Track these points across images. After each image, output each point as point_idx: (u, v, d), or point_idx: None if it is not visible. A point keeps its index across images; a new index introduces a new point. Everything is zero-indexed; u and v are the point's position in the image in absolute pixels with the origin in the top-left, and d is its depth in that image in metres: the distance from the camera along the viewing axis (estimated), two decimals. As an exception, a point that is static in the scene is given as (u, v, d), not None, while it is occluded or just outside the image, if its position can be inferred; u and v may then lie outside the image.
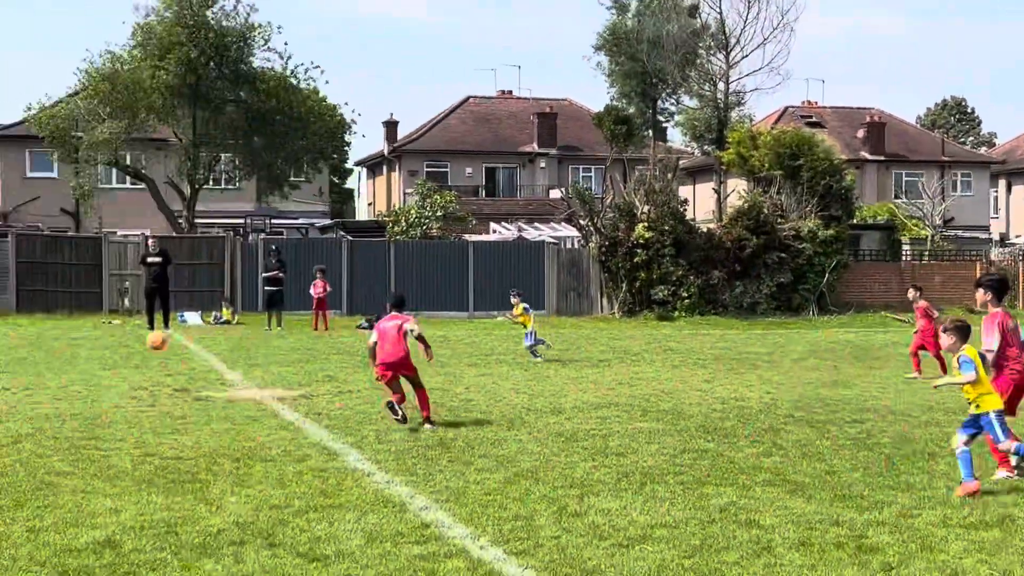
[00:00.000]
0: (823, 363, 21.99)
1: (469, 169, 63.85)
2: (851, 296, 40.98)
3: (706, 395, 16.37)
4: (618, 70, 59.82)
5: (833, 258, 39.78)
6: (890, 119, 70.90)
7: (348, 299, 37.70)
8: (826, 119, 69.84)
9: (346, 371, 19.36)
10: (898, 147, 68.78)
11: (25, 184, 55.55)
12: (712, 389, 17.18)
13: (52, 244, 37.05)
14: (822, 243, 39.50)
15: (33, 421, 13.05)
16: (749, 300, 38.60)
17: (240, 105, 44.16)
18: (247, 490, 9.41)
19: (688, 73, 57.38)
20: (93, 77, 42.69)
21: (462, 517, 8.54)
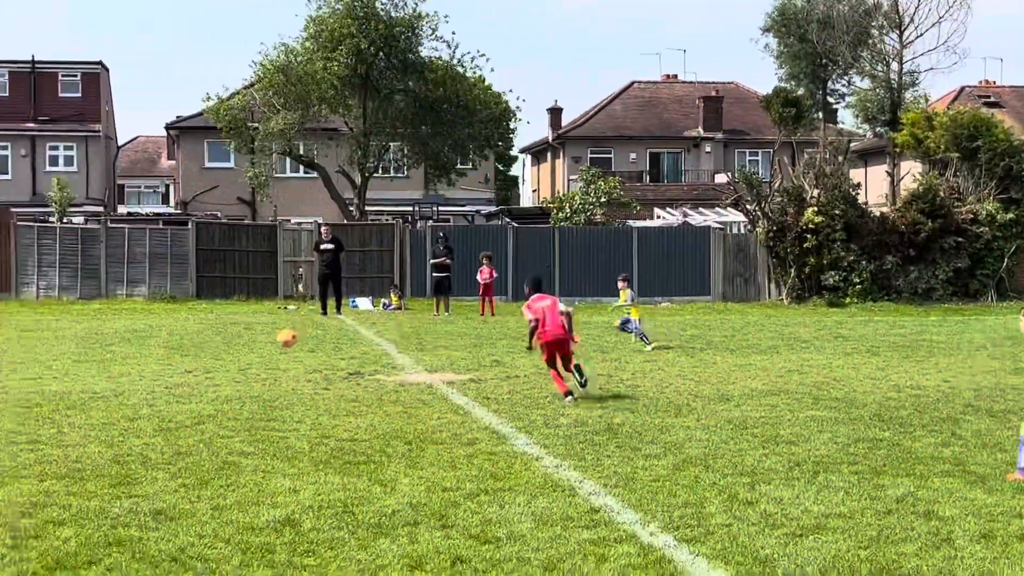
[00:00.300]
0: (1003, 351, 21.22)
1: (633, 155, 63.57)
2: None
3: (880, 383, 15.99)
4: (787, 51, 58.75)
5: (1013, 242, 38.35)
6: (1075, 97, 67.79)
7: (513, 285, 37.98)
8: (1005, 99, 67.19)
9: (513, 356, 19.52)
10: (1084, 126, 65.75)
11: (203, 174, 57.57)
12: (886, 377, 16.78)
13: (229, 232, 38.33)
14: (1001, 227, 38.12)
15: (214, 403, 13.55)
16: (924, 286, 37.51)
17: (408, 94, 44.85)
18: (419, 472, 9.60)
19: (860, 53, 55.93)
20: (267, 69, 43.91)
21: (631, 503, 8.55)
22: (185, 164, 58.45)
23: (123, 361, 18.34)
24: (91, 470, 9.57)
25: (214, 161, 57.48)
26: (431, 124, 45.53)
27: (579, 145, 63.49)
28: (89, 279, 36.56)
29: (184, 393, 14.39)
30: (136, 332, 24.25)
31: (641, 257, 38.74)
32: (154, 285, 36.76)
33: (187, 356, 19.17)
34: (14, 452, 10.35)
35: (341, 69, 42.72)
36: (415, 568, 6.94)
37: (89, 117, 58.00)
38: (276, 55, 44.15)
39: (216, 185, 56.78)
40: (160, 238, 37.39)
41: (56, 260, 36.53)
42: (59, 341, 22.06)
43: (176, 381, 15.64)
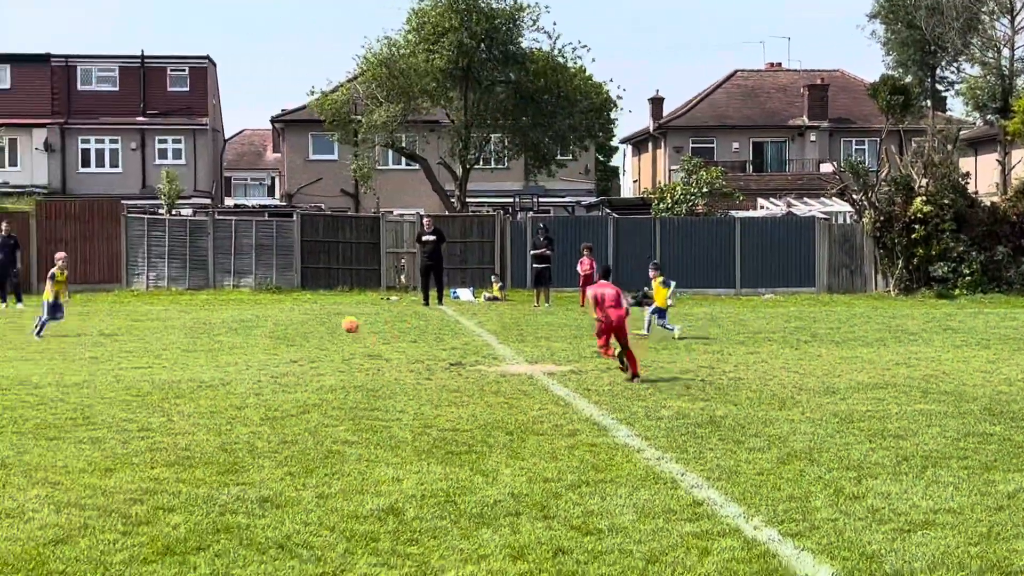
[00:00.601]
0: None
1: (736, 144, 62.92)
2: None
3: (990, 376, 15.62)
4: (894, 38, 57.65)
5: None
6: None
7: (614, 276, 37.85)
8: (1124, 83, 65.11)
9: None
10: None
11: (308, 166, 58.35)
12: (997, 370, 16.38)
13: (333, 223, 38.81)
14: (1119, 217, 36.98)
15: (319, 392, 13.73)
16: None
17: (509, 86, 44.95)
18: (520, 462, 9.61)
19: (970, 39, 54.63)
20: (370, 62, 44.32)
21: (735, 496, 8.47)
22: (290, 156, 59.31)
23: (230, 351, 18.69)
24: (199, 458, 9.77)
25: (318, 153, 58.24)
26: (532, 115, 45.57)
27: (680, 135, 63.03)
28: (197, 270, 37.31)
29: (289, 382, 14.61)
30: (242, 322, 24.69)
31: (744, 248, 38.36)
32: (260, 276, 37.39)
33: (292, 346, 19.46)
34: (125, 439, 10.61)
35: (443, 62, 42.96)
36: (517, 558, 6.96)
37: (197, 111, 59.14)
38: (379, 48, 44.55)
39: (320, 177, 57.51)
40: (266, 230, 38.01)
41: (165, 251, 37.33)
42: (168, 331, 22.56)
43: (282, 371, 15.89)
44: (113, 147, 58.49)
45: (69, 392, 13.68)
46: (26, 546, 7.13)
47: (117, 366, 16.43)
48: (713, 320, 26.38)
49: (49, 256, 36.55)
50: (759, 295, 37.16)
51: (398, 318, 26.18)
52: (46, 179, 57.09)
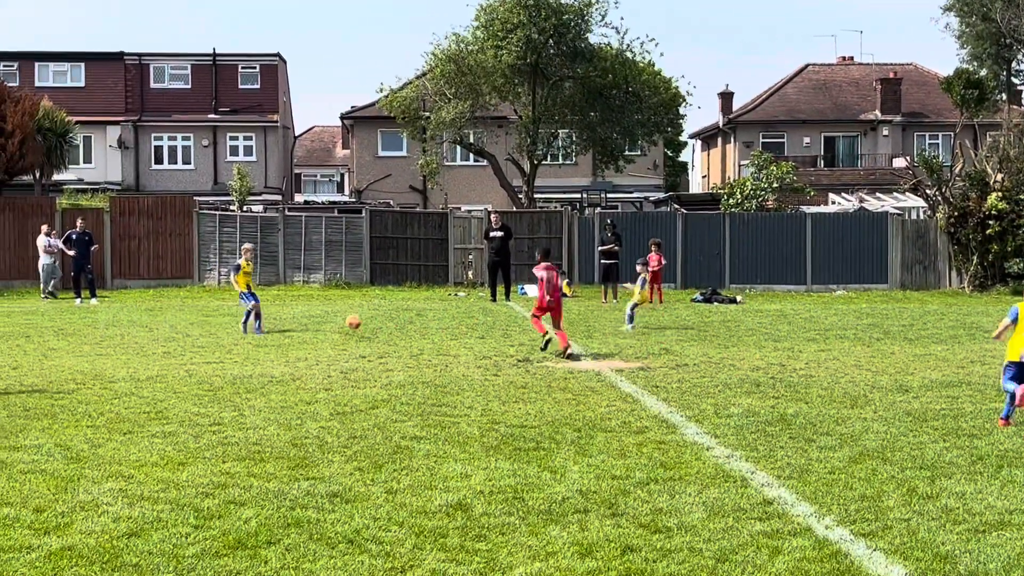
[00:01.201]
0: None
1: (807, 139, 62.27)
2: None
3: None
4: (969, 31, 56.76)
5: None
6: None
7: (682, 272, 37.70)
8: None
9: (682, 344, 19.36)
10: None
11: (377, 162, 58.71)
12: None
13: (402, 219, 39.01)
14: None
15: (388, 388, 13.80)
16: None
17: (577, 81, 44.84)
18: (589, 459, 9.59)
19: (1047, 31, 53.61)
20: (439, 59, 44.46)
21: (806, 495, 8.38)
22: (359, 153, 59.71)
23: (300, 346, 18.85)
24: (270, 452, 9.86)
25: (387, 150, 58.57)
26: (600, 111, 45.43)
27: (750, 130, 62.52)
28: (268, 266, 37.68)
29: (359, 378, 14.71)
30: (312, 318, 24.88)
31: (815, 244, 37.96)
32: (329, 272, 37.69)
33: (361, 342, 19.58)
34: (197, 434, 10.74)
35: (511, 58, 42.97)
36: (585, 556, 6.94)
37: (267, 108, 59.74)
38: (447, 45, 44.68)
39: (389, 174, 57.84)
40: (335, 226, 38.29)
41: (236, 247, 37.73)
42: (239, 326, 22.78)
43: (351, 366, 15.99)
44: (185, 144, 59.27)
45: (142, 386, 13.89)
46: (100, 539, 7.25)
47: (189, 361, 16.64)
48: (783, 317, 26.14)
49: (123, 252, 37.22)
50: (830, 291, 36.76)
51: (466, 314, 26.24)
52: (120, 176, 58.02)
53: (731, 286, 36.95)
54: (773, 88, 66.04)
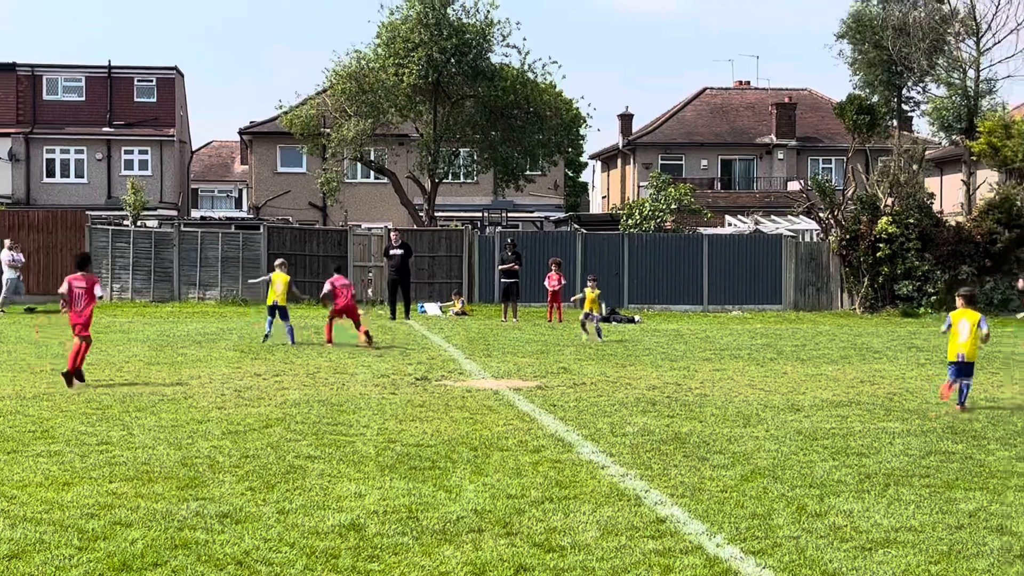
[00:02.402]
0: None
1: (704, 161, 63.21)
2: (1113, 293, 38.55)
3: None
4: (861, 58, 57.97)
5: (1093, 253, 37.56)
6: None
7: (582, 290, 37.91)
8: (1087, 106, 65.85)
9: (580, 363, 19.46)
10: None
11: (276, 178, 58.17)
12: (960, 389, 16.45)
13: (301, 236, 38.67)
14: (1081, 237, 37.35)
15: (283, 406, 13.63)
16: (1000, 296, 36.84)
17: (479, 101, 44.98)
18: (484, 479, 9.56)
19: (936, 60, 55.09)
20: (340, 76, 44.28)
21: (698, 513, 8.45)
22: (258, 169, 59.10)
23: (193, 364, 18.54)
24: (159, 472, 9.66)
25: (286, 166, 58.07)
26: (501, 130, 45.63)
27: (650, 151, 63.26)
28: (162, 282, 37.06)
29: (252, 396, 14.50)
30: (207, 335, 24.52)
31: (712, 265, 38.49)
32: (225, 288, 37.18)
33: (256, 360, 19.33)
34: (84, 453, 10.48)
35: (413, 76, 42.94)
36: (479, 575, 6.91)
37: (164, 122, 58.84)
38: (348, 62, 44.52)
39: (288, 190, 57.34)
40: (232, 242, 37.81)
41: (129, 263, 37.07)
42: (131, 343, 22.39)
43: (245, 384, 15.77)
44: (79, 157, 58.11)
45: (28, 405, 13.53)
46: (-21, 561, 7.02)
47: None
48: (680, 336, 26.43)
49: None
50: (726, 312, 37.28)
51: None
52: (10, 189, 56.63)
53: (630, 306, 37.27)
54: (672, 111, 66.95)
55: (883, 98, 58.15)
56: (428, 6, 43.41)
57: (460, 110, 45.47)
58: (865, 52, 57.50)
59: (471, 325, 29.64)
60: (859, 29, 57.48)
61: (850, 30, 58.23)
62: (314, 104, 45.91)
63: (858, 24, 57.70)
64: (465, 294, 37.15)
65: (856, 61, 58.83)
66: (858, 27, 57.62)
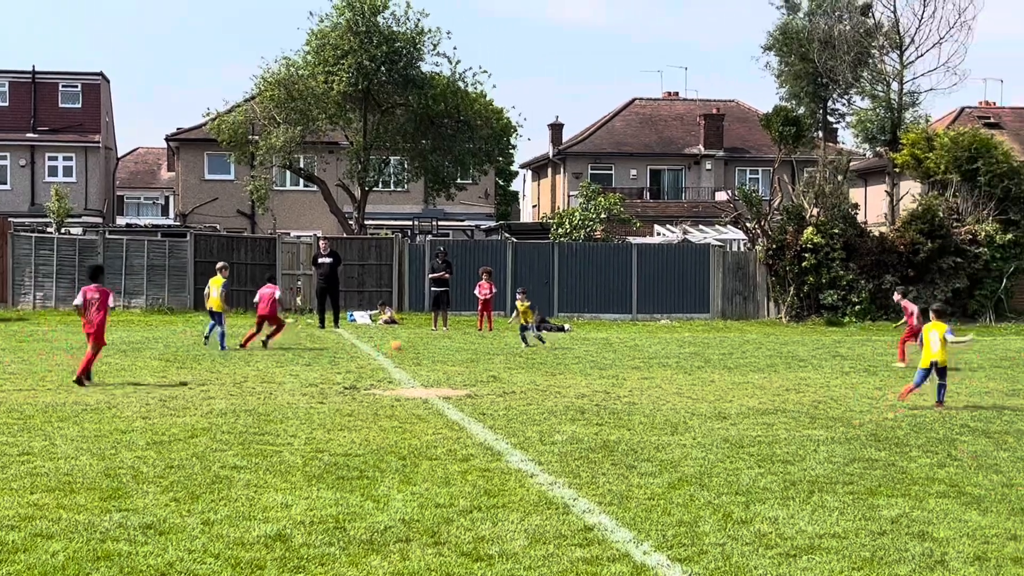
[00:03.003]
0: (1000, 372, 21.19)
1: (634, 171, 63.63)
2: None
3: (877, 403, 15.95)
4: (788, 70, 58.77)
5: (1011, 263, 38.36)
6: (1075, 119, 67.84)
7: (511, 301, 37.94)
8: (1005, 120, 67.24)
9: (510, 371, 19.47)
10: (1083, 148, 65.79)
11: (203, 186, 57.59)
12: (883, 396, 16.73)
13: (228, 244, 38.29)
14: (1000, 248, 38.14)
15: (208, 416, 13.48)
16: (922, 306, 37.29)
17: (409, 109, 44.89)
18: (413, 488, 9.53)
19: (860, 73, 55.98)
20: (268, 83, 43.96)
21: (625, 521, 8.49)
22: (185, 176, 58.47)
23: (118, 373, 18.28)
24: (81, 483, 9.51)
25: (214, 173, 57.51)
26: (431, 139, 45.59)
27: (580, 161, 63.55)
28: (87, 290, 36.45)
29: (178, 406, 14.33)
30: (132, 344, 24.21)
31: (641, 274, 38.71)
32: (151, 297, 36.72)
33: (183, 369, 19.11)
34: (4, 464, 10.29)
35: (343, 84, 42.76)
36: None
37: (89, 128, 58.03)
38: (277, 69, 44.22)
39: (216, 197, 56.80)
40: (158, 250, 37.35)
41: (53, 271, 36.48)
42: (54, 352, 22.03)
43: (170, 394, 15.57)
44: (1, 163, 57.08)
45: (-53, 415, 13.24)
46: None
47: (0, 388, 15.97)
48: (609, 345, 26.55)
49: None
50: (655, 320, 37.52)
51: (293, 341, 25.88)
52: (-70, 195, 55.50)
53: (560, 314, 37.37)
54: (601, 121, 67.33)
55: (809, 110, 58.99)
56: (358, 14, 43.26)
57: (390, 118, 45.35)
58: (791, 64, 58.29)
59: (400, 334, 29.55)
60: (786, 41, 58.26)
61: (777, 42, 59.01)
62: (242, 111, 45.52)
63: (785, 36, 58.49)
64: (395, 303, 37.03)
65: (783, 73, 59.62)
66: (785, 39, 58.41)
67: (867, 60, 56.01)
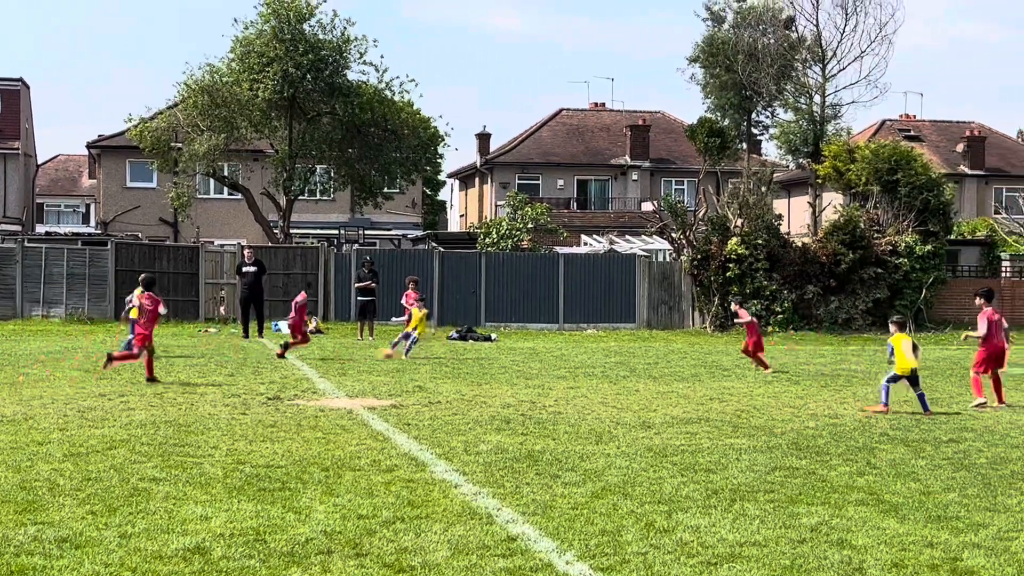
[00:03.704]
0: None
1: (561, 181, 63.86)
2: (949, 313, 40.19)
3: (799, 412, 16.13)
4: (713, 82, 59.43)
5: (931, 274, 39.08)
6: (990, 133, 69.40)
7: (439, 310, 37.88)
8: (925, 133, 68.63)
9: (436, 381, 19.42)
10: (998, 161, 67.30)
11: (125, 194, 56.79)
12: (805, 406, 16.93)
13: (150, 253, 37.81)
14: (919, 259, 38.83)
15: (128, 427, 13.27)
16: (844, 316, 38.04)
17: (335, 117, 44.67)
18: (335, 499, 9.45)
19: (784, 86, 56.77)
20: (192, 90, 43.50)
21: (548, 531, 8.49)
22: (106, 183, 57.61)
23: (35, 384, 17.94)
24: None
25: (136, 181, 56.74)
26: (358, 147, 45.39)
27: (507, 171, 63.65)
28: (4, 299, 35.82)
29: (97, 417, 14.08)
30: (51, 354, 23.78)
31: (568, 283, 38.85)
32: (71, 306, 36.12)
33: (102, 379, 18.80)
34: (-84, 477, 10.04)
35: (268, 92, 42.44)
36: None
37: (8, 134, 56.96)
38: (201, 75, 43.76)
39: (138, 205, 56.05)
40: (78, 258, 36.76)
41: (-30, 279, 35.72)
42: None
43: (89, 405, 15.31)
44: (-83, 169, 55.86)
45: None
46: None
47: (-89, 399, 15.59)
48: (536, 355, 26.59)
49: None
50: (581, 330, 37.66)
51: (216, 351, 25.61)
52: None
53: (487, 324, 37.38)
54: (529, 131, 67.51)
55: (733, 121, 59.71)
56: (284, 21, 42.97)
57: (316, 126, 45.09)
58: (717, 76, 58.97)
59: (326, 344, 29.35)
60: (711, 54, 58.92)
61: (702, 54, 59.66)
62: (165, 118, 44.96)
63: (710, 49, 59.15)
64: (321, 312, 36.76)
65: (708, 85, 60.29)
66: (710, 52, 59.06)
67: (790, 73, 56.80)
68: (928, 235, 39.43)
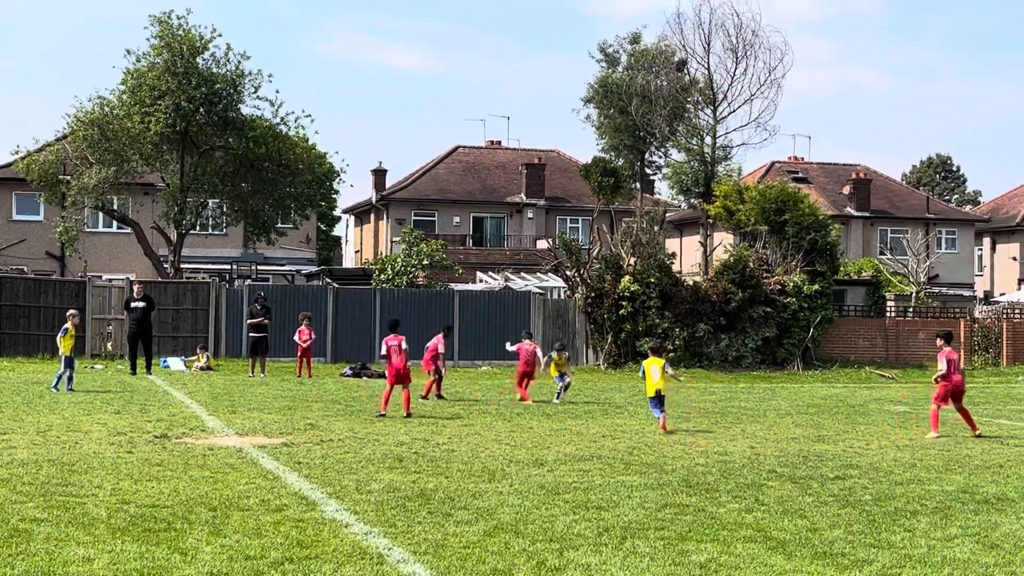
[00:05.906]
0: (807, 418, 21.94)
1: (457, 218, 63.98)
2: (836, 351, 41.06)
3: (689, 449, 16.30)
4: (607, 123, 60.05)
5: (818, 313, 39.89)
6: (876, 176, 71.37)
7: (333, 347, 37.58)
8: (812, 175, 70.29)
9: (329, 419, 19.24)
10: (883, 204, 69.18)
11: (10, 226, 55.46)
12: (695, 443, 17.11)
13: (35, 287, 36.92)
14: (807, 298, 39.61)
15: (9, 467, 12.90)
16: (734, 353, 38.60)
17: (228, 151, 44.22)
18: (223, 540, 9.29)
19: (676, 127, 57.60)
20: (82, 122, 42.72)
21: (440, 570, 8.44)
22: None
23: (-88, 421, 17.35)
24: None
25: (22, 214, 55.46)
26: (252, 182, 44.95)
27: (403, 207, 63.60)
28: None
29: (-24, 456, 13.66)
30: (-71, 391, 23.04)
31: (463, 320, 38.82)
32: (-48, 341, 35.04)
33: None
34: None
35: (160, 125, 41.86)
36: (212, 641, 6.68)
37: None
38: (91, 108, 43.01)
39: (24, 239, 54.75)
40: (-40, 292, 35.70)
41: None
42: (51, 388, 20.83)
43: (-32, 443, 14.84)
44: None
45: None
46: None
47: None
48: (429, 392, 26.47)
49: None
50: (476, 367, 37.63)
51: (102, 387, 25.06)
52: None
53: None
54: (425, 168, 67.59)
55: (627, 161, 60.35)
56: (176, 54, 42.47)
57: (209, 160, 44.56)
58: (611, 117, 59.59)
59: (216, 380, 28.90)
60: (605, 94, 59.58)
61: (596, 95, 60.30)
62: (53, 150, 44.08)
63: (604, 89, 59.82)
64: (212, 348, 36.21)
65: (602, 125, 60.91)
66: (604, 92, 59.73)
67: (683, 114, 57.68)
68: (815, 275, 40.28)
